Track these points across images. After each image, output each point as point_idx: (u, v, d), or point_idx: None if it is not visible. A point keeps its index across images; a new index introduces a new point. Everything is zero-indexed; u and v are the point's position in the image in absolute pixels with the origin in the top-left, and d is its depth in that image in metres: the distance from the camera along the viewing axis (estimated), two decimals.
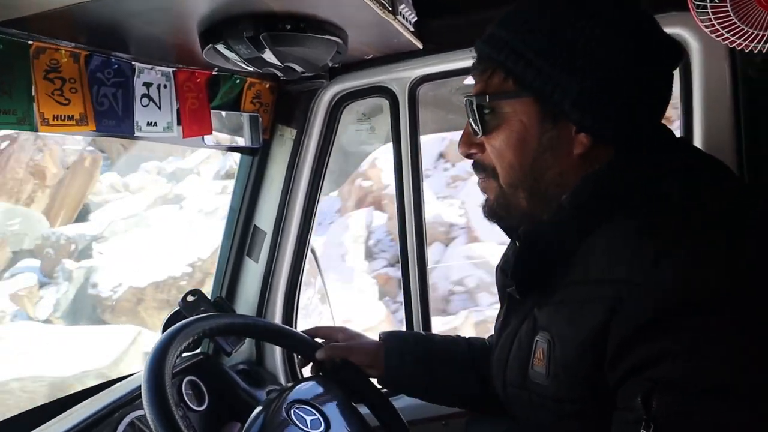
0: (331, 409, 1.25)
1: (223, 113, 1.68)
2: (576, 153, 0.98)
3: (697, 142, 1.45)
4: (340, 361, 1.37)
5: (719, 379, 0.78)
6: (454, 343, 1.41)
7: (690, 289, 0.82)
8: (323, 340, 1.44)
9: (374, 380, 1.40)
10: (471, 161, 1.12)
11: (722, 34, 1.25)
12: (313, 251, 2.04)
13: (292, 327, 1.77)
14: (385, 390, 1.46)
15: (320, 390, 1.31)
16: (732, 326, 0.80)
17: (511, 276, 1.05)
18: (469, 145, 1.08)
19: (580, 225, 0.97)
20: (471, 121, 1.05)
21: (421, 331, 1.46)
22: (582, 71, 0.93)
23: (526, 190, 1.02)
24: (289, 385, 1.29)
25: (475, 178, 1.13)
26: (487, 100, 1.02)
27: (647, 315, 0.83)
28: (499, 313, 1.19)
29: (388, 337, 1.40)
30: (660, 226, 0.88)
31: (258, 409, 1.18)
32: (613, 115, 0.95)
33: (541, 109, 0.98)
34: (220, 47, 1.26)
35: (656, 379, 0.81)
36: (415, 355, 1.36)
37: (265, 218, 1.86)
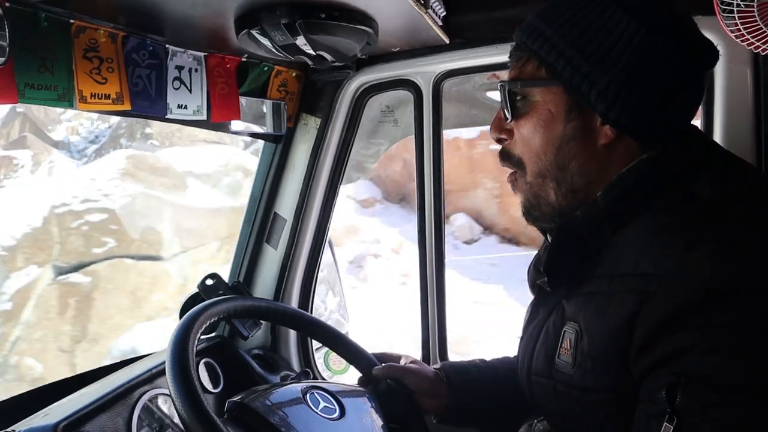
0: (353, 404, 1.25)
1: (250, 100, 1.70)
2: (601, 144, 1.01)
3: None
4: (395, 383, 1.33)
5: (745, 375, 0.80)
6: (510, 365, 1.37)
7: (718, 284, 0.83)
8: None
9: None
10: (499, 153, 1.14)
11: (747, 39, 1.25)
12: (330, 243, 2.06)
13: (308, 313, 1.77)
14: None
15: (352, 388, 1.31)
16: (759, 322, 0.81)
17: (544, 269, 1.06)
18: (500, 130, 1.11)
19: (612, 220, 0.99)
20: (503, 106, 1.09)
21: (477, 359, 1.43)
22: (612, 64, 0.96)
23: (553, 179, 1.05)
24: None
25: None
26: (519, 87, 1.06)
27: (674, 308, 0.84)
28: (528, 307, 1.20)
29: (447, 368, 1.37)
30: (689, 222, 0.90)
31: (274, 384, 1.19)
32: (638, 110, 0.97)
33: (569, 99, 1.01)
34: (256, 33, 1.28)
35: (681, 373, 0.82)
36: (478, 383, 1.35)
37: (285, 206, 1.87)
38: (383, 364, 1.38)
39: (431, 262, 1.83)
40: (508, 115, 1.08)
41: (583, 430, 1.02)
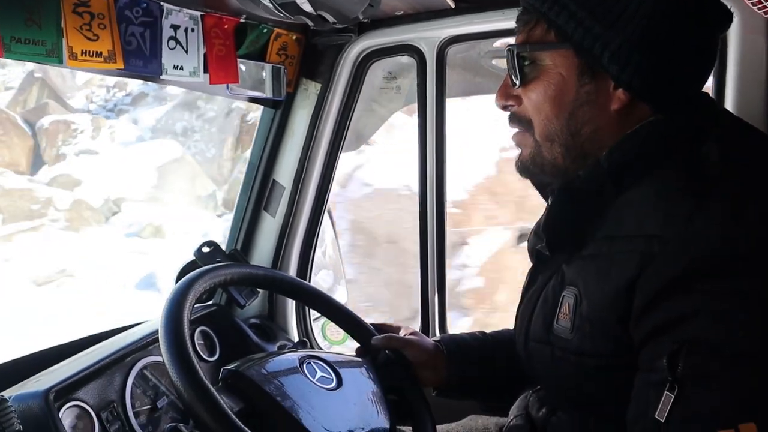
0: (351, 374, 1.23)
1: (248, 63, 1.65)
2: (613, 109, 0.98)
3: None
4: (394, 354, 1.32)
5: (749, 344, 0.78)
6: (510, 338, 1.34)
7: (725, 249, 0.82)
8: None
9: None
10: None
11: (763, 6, 1.21)
12: (329, 212, 2.03)
13: (307, 282, 1.74)
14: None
15: (349, 359, 1.29)
16: (764, 289, 0.79)
17: (543, 230, 1.06)
18: (507, 97, 1.08)
19: (615, 182, 0.97)
20: (510, 71, 1.05)
21: (477, 332, 1.42)
22: (624, 25, 0.93)
23: (563, 144, 1.02)
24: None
25: None
26: (528, 51, 1.03)
27: (677, 272, 0.83)
28: (527, 274, 1.18)
29: (447, 341, 1.36)
30: (697, 185, 0.88)
31: (270, 352, 1.17)
32: (651, 73, 0.94)
33: (581, 62, 0.98)
34: None
35: (683, 340, 0.80)
36: (476, 355, 1.33)
37: (284, 173, 1.84)
38: (382, 335, 1.36)
39: (432, 232, 1.80)
40: (516, 81, 1.05)
41: (580, 397, 1.01)
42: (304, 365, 1.18)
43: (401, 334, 1.38)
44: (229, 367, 1.11)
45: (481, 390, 1.36)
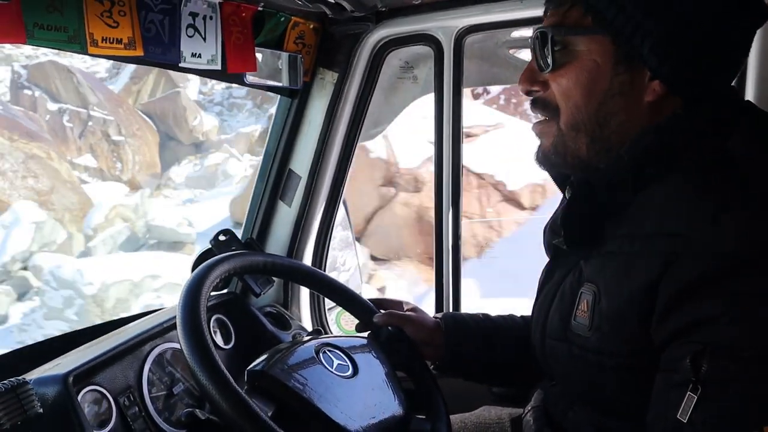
0: (364, 359, 1.24)
1: (265, 52, 1.65)
2: (646, 101, 0.95)
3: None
4: (396, 331, 1.34)
5: None
6: (511, 321, 1.38)
7: (749, 250, 0.80)
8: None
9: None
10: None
11: None
12: (344, 203, 2.03)
13: (322, 271, 1.75)
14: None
15: (359, 343, 1.30)
16: None
17: (561, 224, 1.03)
18: (532, 82, 1.04)
19: (636, 177, 0.94)
20: (538, 55, 1.00)
21: (479, 312, 1.42)
22: (667, 16, 0.89)
23: (588, 134, 0.98)
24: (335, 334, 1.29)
25: None
26: (563, 34, 0.97)
27: (702, 272, 0.81)
28: (543, 270, 1.17)
29: (447, 318, 1.37)
30: (721, 183, 0.86)
31: (286, 342, 1.17)
32: (690, 66, 0.91)
33: (617, 51, 0.94)
34: None
35: (708, 342, 0.79)
36: (476, 338, 1.33)
37: (300, 162, 1.84)
38: (383, 312, 1.37)
39: (447, 217, 1.81)
40: (544, 66, 1.00)
41: (598, 395, 1.00)
42: (321, 355, 1.18)
43: (402, 309, 1.39)
44: (254, 368, 1.11)
45: (477, 370, 1.37)
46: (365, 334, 1.38)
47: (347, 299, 1.42)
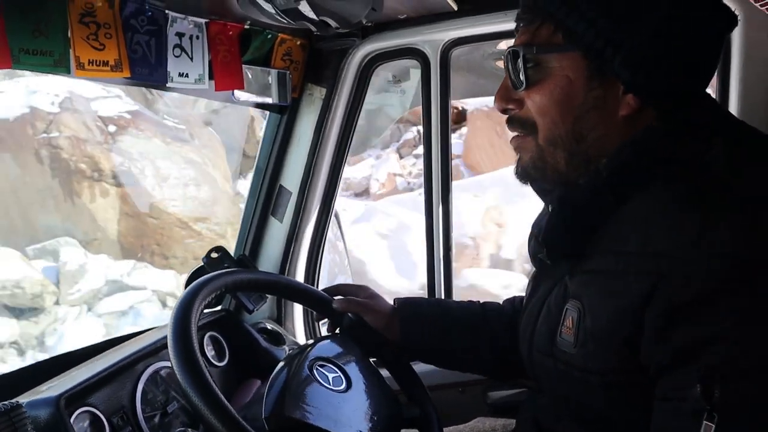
0: (352, 368, 1.25)
1: (253, 69, 1.66)
2: (621, 115, 0.94)
3: (732, 112, 1.42)
4: (356, 318, 1.36)
5: None
6: (468, 309, 1.40)
7: (741, 265, 0.79)
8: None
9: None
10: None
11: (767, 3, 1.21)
12: (336, 215, 2.04)
13: (314, 287, 1.75)
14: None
15: (340, 349, 1.30)
16: None
17: (543, 240, 1.02)
18: (507, 100, 1.03)
19: (616, 191, 0.93)
20: (512, 74, 1.00)
21: (437, 297, 1.44)
22: (636, 28, 0.89)
23: (566, 149, 0.98)
24: (310, 342, 1.29)
25: None
26: (535, 52, 0.97)
27: (694, 291, 0.79)
28: (529, 280, 1.17)
29: (403, 303, 1.39)
30: (702, 197, 0.85)
31: (280, 365, 1.17)
32: (663, 78, 0.91)
33: (590, 66, 0.93)
34: None
35: (715, 365, 0.77)
36: (429, 323, 1.35)
37: (290, 178, 1.85)
38: (341, 299, 1.39)
39: (438, 229, 1.82)
40: (518, 84, 1.00)
41: (584, 410, 1.00)
42: (315, 372, 1.18)
43: (360, 296, 1.41)
44: (272, 413, 1.08)
45: (432, 354, 1.40)
46: (328, 328, 1.42)
47: (300, 294, 1.43)
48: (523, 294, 1.39)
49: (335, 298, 1.39)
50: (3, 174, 10.13)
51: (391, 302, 1.41)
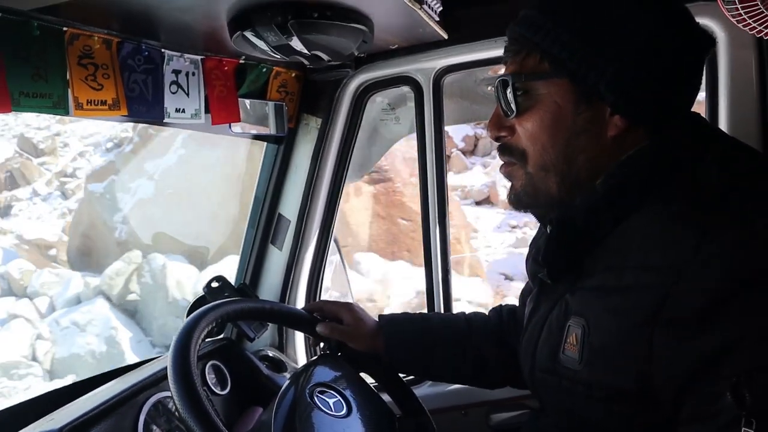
0: (351, 392, 1.26)
1: (250, 102, 1.70)
2: (610, 135, 0.98)
3: (723, 129, 1.44)
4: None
5: None
6: (452, 322, 1.43)
7: (744, 269, 0.80)
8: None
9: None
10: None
11: (749, 24, 1.24)
12: (336, 241, 2.06)
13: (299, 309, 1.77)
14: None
15: (337, 373, 1.32)
16: None
17: (542, 260, 1.04)
18: (499, 128, 1.07)
19: (613, 210, 0.96)
20: (502, 102, 1.04)
21: (420, 312, 1.47)
22: (619, 54, 0.93)
23: (558, 174, 1.01)
24: (303, 366, 1.30)
25: None
26: (523, 80, 1.01)
27: (704, 302, 0.80)
28: (529, 299, 1.18)
29: (386, 322, 1.41)
30: (699, 210, 0.87)
31: (279, 395, 1.18)
32: (647, 98, 0.95)
33: (576, 91, 0.97)
34: (249, 34, 1.28)
35: (740, 370, 0.77)
36: (412, 340, 1.38)
37: (289, 206, 1.88)
38: (324, 324, 1.40)
39: (435, 252, 1.84)
40: (509, 112, 1.04)
41: (589, 427, 1.00)
42: (315, 398, 1.20)
43: (344, 319, 1.41)
44: None
45: (418, 369, 1.45)
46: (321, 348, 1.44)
47: (284, 317, 1.44)
48: (511, 304, 1.43)
49: (318, 323, 1.40)
50: None
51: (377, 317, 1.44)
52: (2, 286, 16.28)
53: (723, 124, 1.45)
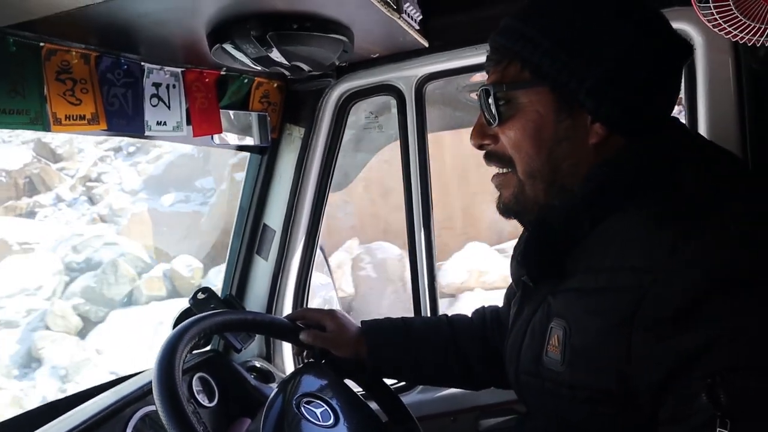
0: (338, 401, 1.26)
1: (232, 113, 1.70)
2: (591, 143, 0.99)
3: (702, 134, 1.46)
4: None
5: None
6: (434, 325, 1.44)
7: (719, 271, 0.81)
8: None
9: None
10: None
11: (725, 29, 1.25)
12: (321, 249, 2.05)
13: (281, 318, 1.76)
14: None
15: (323, 381, 1.32)
16: (763, 300, 0.79)
17: (522, 262, 1.06)
18: (482, 136, 1.08)
19: (590, 212, 0.97)
20: (485, 111, 1.05)
21: (403, 320, 1.47)
22: (598, 61, 0.94)
23: (545, 180, 1.02)
24: (289, 375, 1.30)
25: None
26: (505, 89, 1.02)
27: (679, 303, 0.81)
28: (513, 302, 1.19)
29: (368, 328, 1.41)
30: (675, 212, 0.89)
31: (266, 406, 1.18)
32: (627, 105, 0.96)
33: (557, 99, 0.99)
34: (228, 47, 1.28)
35: (714, 370, 0.78)
36: (395, 345, 1.39)
37: (274, 217, 1.87)
38: (307, 332, 1.40)
39: (421, 260, 1.85)
40: (492, 120, 1.05)
41: (573, 429, 1.01)
42: (302, 409, 1.19)
43: (327, 326, 1.41)
44: None
45: (401, 374, 1.46)
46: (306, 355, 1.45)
47: (267, 327, 1.44)
48: (494, 305, 1.44)
49: (302, 332, 1.40)
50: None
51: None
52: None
53: (702, 128, 1.47)
